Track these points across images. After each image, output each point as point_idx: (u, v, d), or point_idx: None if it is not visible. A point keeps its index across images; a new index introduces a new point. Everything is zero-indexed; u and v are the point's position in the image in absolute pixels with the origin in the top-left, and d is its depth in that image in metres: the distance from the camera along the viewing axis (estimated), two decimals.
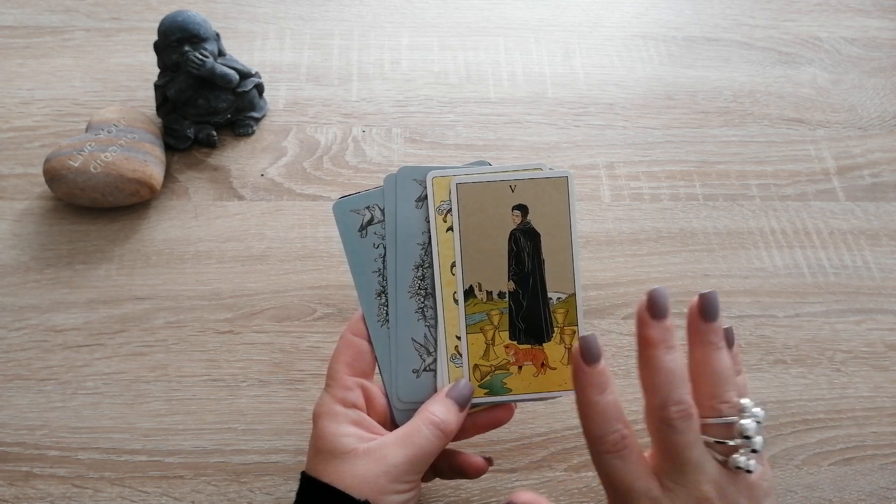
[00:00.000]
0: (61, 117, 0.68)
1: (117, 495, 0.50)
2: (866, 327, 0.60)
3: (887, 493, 0.53)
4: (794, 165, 0.70)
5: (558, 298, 0.43)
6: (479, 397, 0.43)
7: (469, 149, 0.69)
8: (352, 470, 0.38)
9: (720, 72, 0.77)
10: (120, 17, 0.76)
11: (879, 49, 0.80)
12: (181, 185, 0.65)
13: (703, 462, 0.37)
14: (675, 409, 0.37)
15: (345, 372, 0.42)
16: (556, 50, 0.77)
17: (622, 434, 0.38)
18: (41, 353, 0.56)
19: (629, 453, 0.38)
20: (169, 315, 0.58)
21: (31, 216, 0.63)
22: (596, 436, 0.38)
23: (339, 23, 0.78)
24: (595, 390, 0.38)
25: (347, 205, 0.43)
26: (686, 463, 0.37)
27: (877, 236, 0.66)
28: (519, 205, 0.42)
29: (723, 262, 0.63)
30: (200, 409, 0.54)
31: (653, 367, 0.38)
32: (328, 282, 0.60)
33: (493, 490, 0.52)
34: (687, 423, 0.37)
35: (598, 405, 0.38)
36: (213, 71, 0.63)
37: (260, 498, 0.51)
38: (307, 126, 0.70)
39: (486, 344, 0.43)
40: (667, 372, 0.38)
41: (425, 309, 0.43)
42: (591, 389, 0.38)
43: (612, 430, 0.38)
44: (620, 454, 0.38)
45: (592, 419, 0.38)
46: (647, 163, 0.69)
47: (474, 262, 0.42)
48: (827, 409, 0.56)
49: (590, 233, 0.64)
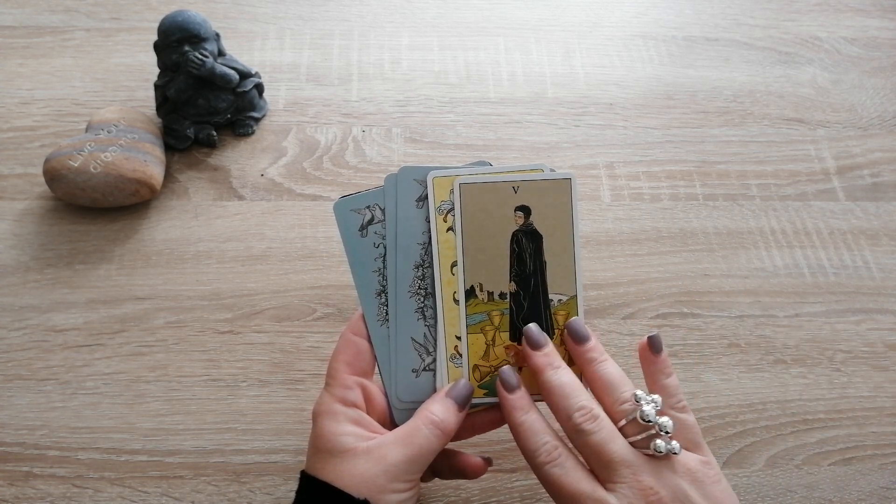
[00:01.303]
0: (61, 117, 0.68)
1: (117, 495, 0.50)
2: (866, 327, 0.60)
3: (887, 493, 0.53)
4: (794, 165, 0.70)
5: (559, 300, 0.43)
6: (479, 398, 0.43)
7: (469, 149, 0.69)
8: (351, 469, 0.38)
9: (720, 72, 0.77)
10: (120, 17, 0.76)
11: (879, 49, 0.80)
12: (181, 185, 0.65)
13: (629, 456, 0.39)
14: (580, 415, 0.40)
15: (344, 371, 0.42)
16: (556, 50, 0.77)
17: (553, 444, 0.40)
18: (41, 353, 0.56)
19: (564, 460, 0.40)
20: (169, 315, 0.58)
21: (31, 216, 0.63)
22: (530, 451, 0.40)
23: (339, 23, 0.78)
24: (520, 412, 0.41)
25: (348, 204, 0.43)
26: (612, 459, 0.39)
27: (877, 236, 0.66)
28: (522, 206, 0.42)
29: (723, 262, 0.63)
30: (200, 409, 0.54)
31: (548, 389, 0.41)
32: (328, 282, 0.60)
33: (493, 490, 0.52)
34: (595, 423, 0.40)
35: (524, 423, 0.41)
36: (213, 71, 0.63)
37: (260, 498, 0.51)
38: (307, 126, 0.70)
39: (487, 344, 0.43)
40: (561, 387, 0.41)
41: (425, 309, 0.43)
42: (516, 412, 0.41)
43: (542, 443, 0.40)
44: (556, 462, 0.39)
45: (523, 437, 0.41)
46: (647, 163, 0.69)
47: (476, 263, 0.43)
48: (827, 409, 0.56)
49: (590, 233, 0.64)
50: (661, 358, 0.44)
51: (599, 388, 0.42)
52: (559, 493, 0.39)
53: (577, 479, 0.39)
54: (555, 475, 0.39)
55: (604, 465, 0.39)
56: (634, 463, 0.39)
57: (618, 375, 0.42)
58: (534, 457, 0.40)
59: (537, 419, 0.41)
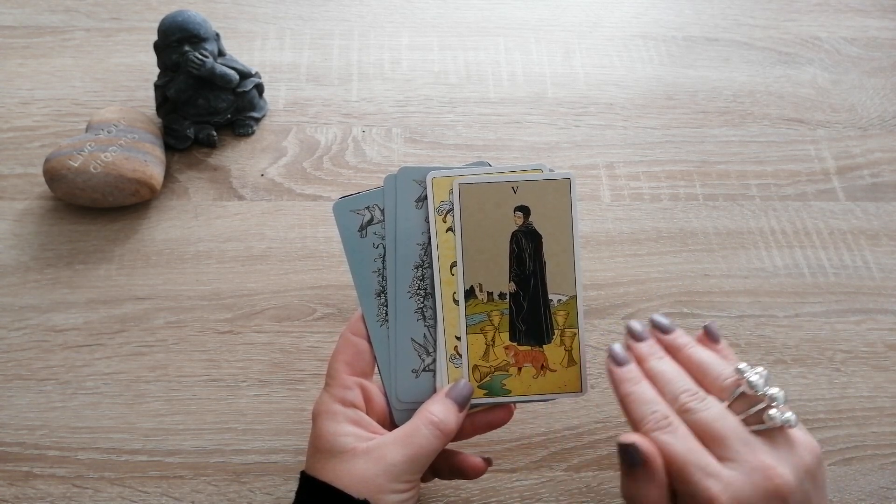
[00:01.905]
0: (61, 117, 0.68)
1: (117, 495, 0.50)
2: (866, 327, 0.60)
3: (887, 493, 0.53)
4: (794, 165, 0.70)
5: (559, 300, 0.43)
6: (479, 398, 0.43)
7: (469, 149, 0.69)
8: (351, 469, 0.38)
9: (720, 72, 0.77)
10: (120, 17, 0.76)
11: (879, 49, 0.80)
12: (181, 185, 0.65)
13: (743, 433, 0.37)
14: (686, 395, 0.39)
15: (344, 371, 0.42)
16: (556, 50, 0.77)
17: (663, 413, 0.38)
18: (41, 353, 0.56)
19: (675, 428, 0.38)
20: (169, 315, 0.58)
21: (31, 216, 0.63)
22: (637, 420, 0.39)
23: (339, 23, 0.78)
24: (628, 383, 0.40)
25: (347, 205, 0.43)
26: (726, 435, 0.37)
27: (877, 236, 0.66)
28: (521, 206, 0.42)
29: (723, 262, 0.63)
30: (200, 409, 0.54)
31: (652, 376, 0.41)
32: (328, 282, 0.60)
33: (493, 490, 0.52)
34: (703, 402, 0.38)
35: (634, 393, 0.40)
36: (213, 71, 0.63)
37: (260, 498, 0.51)
38: (307, 126, 0.70)
39: (486, 345, 0.43)
40: (664, 373, 0.40)
41: (425, 309, 0.43)
42: (624, 384, 0.40)
43: (652, 411, 0.39)
44: (666, 430, 0.38)
45: (632, 406, 0.39)
46: (647, 163, 0.69)
47: (475, 263, 0.43)
48: (827, 409, 0.56)
49: (590, 233, 0.64)
50: (722, 346, 0.43)
51: (696, 371, 0.41)
52: (669, 461, 0.37)
53: (687, 448, 0.37)
54: (663, 442, 0.37)
55: (718, 442, 0.37)
56: (751, 441, 0.37)
57: (712, 356, 0.42)
58: (641, 424, 0.38)
59: (647, 389, 0.40)
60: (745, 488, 0.35)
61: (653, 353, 0.42)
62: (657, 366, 0.41)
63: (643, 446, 0.37)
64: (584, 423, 0.55)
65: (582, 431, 0.54)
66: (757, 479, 0.35)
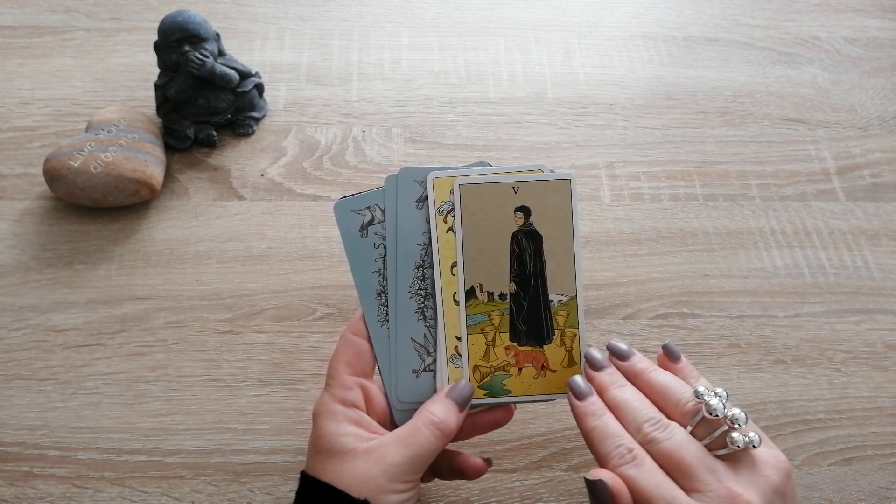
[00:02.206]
0: (61, 117, 0.68)
1: (117, 495, 0.50)
2: (866, 327, 0.60)
3: (887, 493, 0.53)
4: (794, 165, 0.70)
5: (559, 301, 0.43)
6: (479, 398, 0.43)
7: (469, 149, 0.69)
8: (351, 469, 0.38)
9: (720, 72, 0.77)
10: (120, 17, 0.76)
11: (879, 49, 0.80)
12: (181, 185, 0.65)
13: (707, 460, 0.37)
14: (648, 425, 0.39)
15: (345, 371, 0.42)
16: (556, 50, 0.77)
17: (628, 447, 0.38)
18: (41, 353, 0.56)
19: (641, 461, 0.37)
20: (169, 315, 0.58)
21: (31, 216, 0.63)
22: (604, 454, 0.38)
23: (339, 23, 0.78)
24: (591, 418, 0.40)
25: (348, 205, 0.43)
26: (690, 464, 0.37)
27: (877, 236, 0.66)
28: (522, 206, 0.42)
29: (723, 262, 0.63)
30: (200, 409, 0.54)
31: (614, 405, 0.40)
32: (328, 282, 0.60)
33: (493, 490, 0.52)
34: (666, 431, 0.38)
35: (597, 428, 0.39)
36: (213, 71, 0.63)
37: (260, 498, 0.51)
38: (307, 126, 0.70)
39: (487, 345, 0.43)
40: (626, 402, 0.40)
41: (425, 309, 0.43)
42: (587, 419, 0.40)
43: (615, 446, 0.38)
44: (631, 464, 0.37)
45: (596, 441, 0.39)
46: (647, 163, 0.69)
47: (476, 263, 0.43)
48: (827, 409, 0.56)
49: (590, 233, 0.64)
50: (683, 364, 0.43)
51: (656, 396, 0.41)
52: (635, 498, 0.37)
53: (654, 482, 0.37)
54: (630, 476, 0.37)
55: (683, 472, 0.37)
56: (716, 468, 0.37)
57: (671, 379, 0.41)
58: (607, 460, 0.38)
59: (610, 423, 0.39)
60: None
61: (613, 382, 0.41)
62: (618, 395, 0.41)
63: (611, 482, 0.37)
64: None
65: None
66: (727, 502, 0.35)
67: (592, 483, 0.37)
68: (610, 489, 0.37)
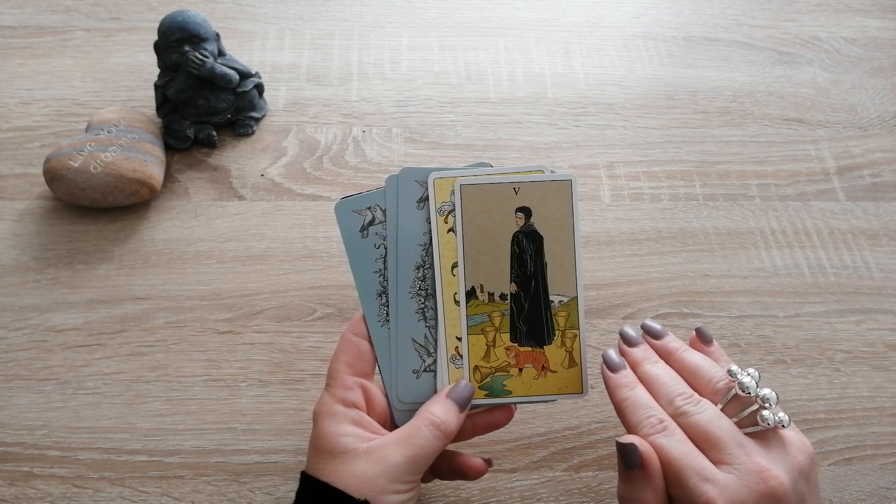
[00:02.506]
0: (61, 117, 0.68)
1: (117, 495, 0.50)
2: (866, 327, 0.60)
3: (887, 493, 0.53)
4: (794, 165, 0.70)
5: (560, 301, 0.43)
6: (479, 399, 0.43)
7: (469, 149, 0.69)
8: (351, 469, 0.38)
9: (720, 72, 0.77)
10: (120, 17, 0.76)
11: (879, 49, 0.80)
12: (181, 185, 0.65)
13: (738, 436, 0.38)
14: (681, 399, 0.39)
15: (345, 372, 0.42)
16: (556, 50, 0.77)
17: (659, 417, 0.39)
18: (41, 353, 0.56)
19: (672, 432, 0.38)
20: (169, 315, 0.58)
21: (31, 216, 0.63)
22: (634, 423, 0.39)
23: (339, 23, 0.78)
24: (623, 389, 0.41)
25: (349, 205, 0.43)
26: (720, 437, 0.37)
27: (877, 236, 0.66)
28: (522, 207, 0.42)
29: (723, 262, 0.63)
30: (200, 409, 0.54)
31: (647, 380, 0.42)
32: (328, 282, 0.60)
33: (493, 490, 0.52)
34: (698, 405, 0.39)
35: (629, 398, 0.40)
36: (213, 71, 0.63)
37: (260, 498, 0.51)
38: (307, 126, 0.70)
39: (487, 345, 0.43)
40: (659, 376, 0.41)
41: (426, 310, 0.43)
42: (619, 390, 0.41)
43: (648, 415, 0.39)
44: (662, 433, 0.38)
45: (628, 411, 0.40)
46: (647, 163, 0.69)
47: (477, 264, 0.43)
48: (827, 409, 0.56)
49: (590, 233, 0.64)
50: (714, 348, 0.44)
51: (688, 374, 0.41)
52: (665, 465, 0.37)
53: (683, 451, 0.37)
54: (658, 445, 0.38)
55: (712, 444, 0.37)
56: (745, 443, 0.37)
57: (704, 359, 0.42)
58: (638, 429, 0.39)
59: (642, 394, 0.40)
60: (741, 491, 0.36)
61: (647, 358, 0.43)
62: (651, 370, 0.42)
63: (642, 447, 0.38)
64: (584, 423, 0.55)
65: (582, 431, 0.54)
66: (752, 482, 0.36)
67: (623, 446, 0.38)
68: (641, 453, 0.38)
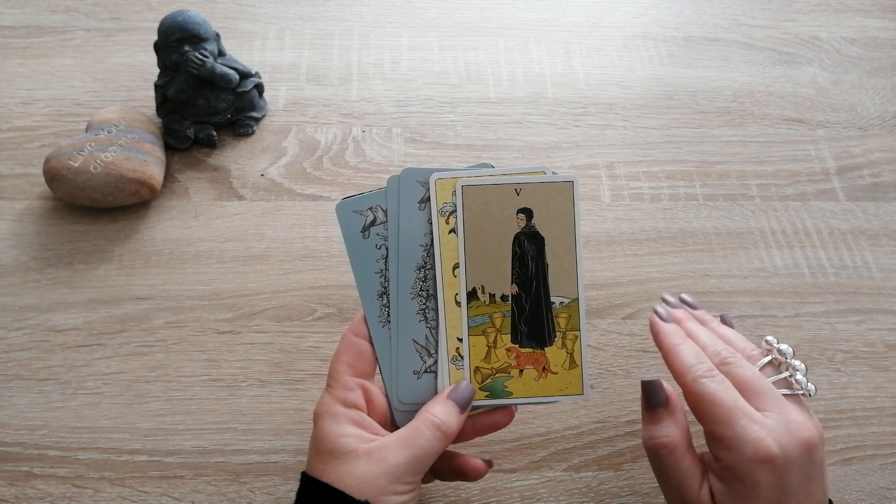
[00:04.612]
0: (61, 117, 0.68)
1: (117, 495, 0.50)
2: (866, 327, 0.60)
3: (887, 493, 0.53)
4: (794, 165, 0.70)
5: (561, 303, 0.43)
6: (480, 400, 0.43)
7: (469, 149, 0.69)
8: (352, 470, 0.38)
9: (720, 72, 0.77)
10: (120, 17, 0.76)
11: (879, 49, 0.80)
12: (181, 185, 0.65)
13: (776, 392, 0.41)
14: (728, 352, 0.43)
15: (346, 372, 0.42)
16: (556, 50, 0.77)
17: (708, 366, 0.42)
18: (41, 353, 0.56)
19: (721, 379, 0.41)
20: (169, 315, 0.58)
21: (31, 216, 0.63)
22: (686, 366, 0.42)
23: (339, 23, 0.78)
24: (675, 336, 0.45)
25: (350, 205, 0.43)
26: (764, 387, 0.41)
27: (877, 236, 0.66)
28: (524, 208, 0.42)
29: (723, 262, 0.63)
30: (200, 409, 0.54)
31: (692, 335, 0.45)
32: (328, 282, 0.60)
33: (493, 490, 0.52)
34: (741, 360, 0.43)
35: (679, 345, 0.44)
36: (213, 71, 0.63)
37: (260, 498, 0.51)
38: (307, 126, 0.70)
39: (488, 346, 0.43)
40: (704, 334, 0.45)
41: (427, 310, 0.43)
42: (671, 336, 0.45)
43: (700, 360, 0.42)
44: (715, 378, 0.41)
45: (680, 355, 0.43)
46: (647, 163, 0.69)
47: (478, 265, 0.43)
48: (827, 409, 0.56)
49: (590, 233, 0.64)
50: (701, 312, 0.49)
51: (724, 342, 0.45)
52: (715, 407, 0.40)
53: (733, 396, 0.40)
54: (713, 389, 0.41)
55: (755, 394, 0.41)
56: (782, 399, 0.41)
57: (735, 333, 0.47)
58: (689, 371, 0.42)
59: (691, 345, 0.44)
60: (784, 436, 0.39)
61: (689, 318, 0.47)
62: (695, 328, 0.46)
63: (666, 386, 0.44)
64: (584, 423, 0.55)
65: (582, 431, 0.54)
66: (793, 429, 0.39)
67: (650, 383, 0.44)
68: (666, 391, 0.44)
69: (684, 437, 0.43)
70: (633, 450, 0.54)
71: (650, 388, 0.44)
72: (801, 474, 0.39)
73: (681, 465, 0.42)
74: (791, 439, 0.39)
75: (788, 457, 0.39)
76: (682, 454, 0.42)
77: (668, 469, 0.42)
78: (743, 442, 0.39)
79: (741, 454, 0.39)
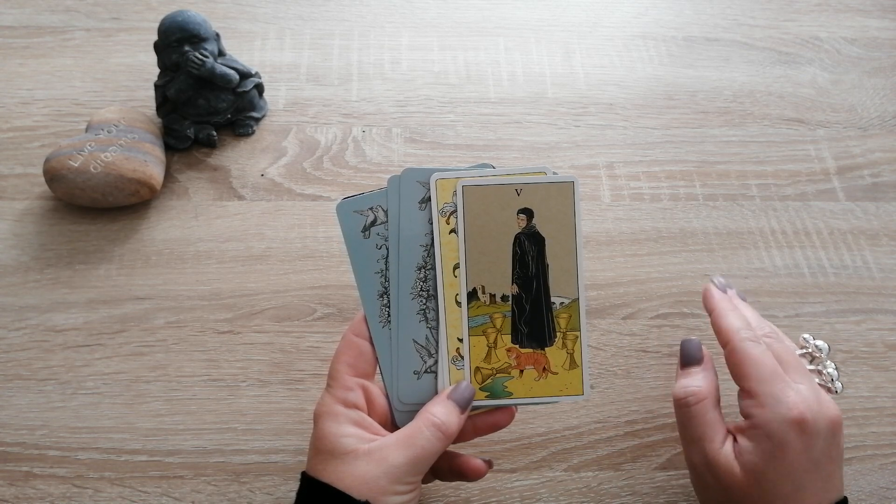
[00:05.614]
0: (61, 117, 0.68)
1: (117, 495, 0.50)
2: (866, 327, 0.60)
3: (887, 493, 0.53)
4: (794, 165, 0.70)
5: (561, 303, 0.43)
6: (480, 400, 0.43)
7: (469, 149, 0.69)
8: (352, 470, 0.38)
9: (720, 72, 0.77)
10: (120, 17, 0.76)
11: (879, 49, 0.80)
12: (181, 185, 0.65)
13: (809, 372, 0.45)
14: (770, 329, 0.47)
15: (346, 372, 0.42)
16: (556, 50, 0.77)
17: (755, 334, 0.46)
18: (41, 353, 0.56)
19: (766, 347, 0.45)
20: (169, 315, 0.58)
21: (31, 216, 0.63)
22: (734, 328, 0.46)
23: (339, 23, 0.78)
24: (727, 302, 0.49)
25: (351, 205, 0.43)
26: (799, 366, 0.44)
27: (877, 236, 0.66)
28: (524, 208, 0.42)
29: (723, 262, 0.63)
30: (200, 409, 0.54)
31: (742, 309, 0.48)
32: (328, 282, 0.60)
33: (493, 490, 0.52)
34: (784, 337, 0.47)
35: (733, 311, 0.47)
36: (213, 71, 0.63)
37: (260, 498, 0.51)
38: (307, 126, 0.69)
39: (488, 347, 0.43)
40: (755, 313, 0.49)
41: (427, 310, 0.43)
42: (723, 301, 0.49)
43: (747, 326, 0.46)
44: (759, 344, 0.45)
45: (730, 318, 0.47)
46: (647, 163, 0.69)
47: (478, 265, 0.43)
48: None
49: (590, 233, 0.64)
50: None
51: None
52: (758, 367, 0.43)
53: (774, 362, 0.44)
54: (757, 351, 0.44)
55: (792, 367, 0.44)
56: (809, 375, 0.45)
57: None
58: (737, 332, 0.45)
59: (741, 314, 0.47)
60: (814, 406, 0.42)
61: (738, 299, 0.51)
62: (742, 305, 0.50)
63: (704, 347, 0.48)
64: (584, 423, 0.55)
65: (582, 431, 0.54)
66: (823, 405, 0.42)
67: (689, 341, 0.48)
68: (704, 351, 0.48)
69: (713, 392, 0.45)
70: (633, 450, 0.54)
71: (689, 346, 0.47)
72: (825, 448, 0.41)
73: (707, 415, 0.44)
74: (821, 412, 0.41)
75: (817, 426, 0.41)
76: (710, 406, 0.44)
77: (695, 419, 0.44)
78: (779, 401, 0.41)
79: (775, 412, 0.41)
